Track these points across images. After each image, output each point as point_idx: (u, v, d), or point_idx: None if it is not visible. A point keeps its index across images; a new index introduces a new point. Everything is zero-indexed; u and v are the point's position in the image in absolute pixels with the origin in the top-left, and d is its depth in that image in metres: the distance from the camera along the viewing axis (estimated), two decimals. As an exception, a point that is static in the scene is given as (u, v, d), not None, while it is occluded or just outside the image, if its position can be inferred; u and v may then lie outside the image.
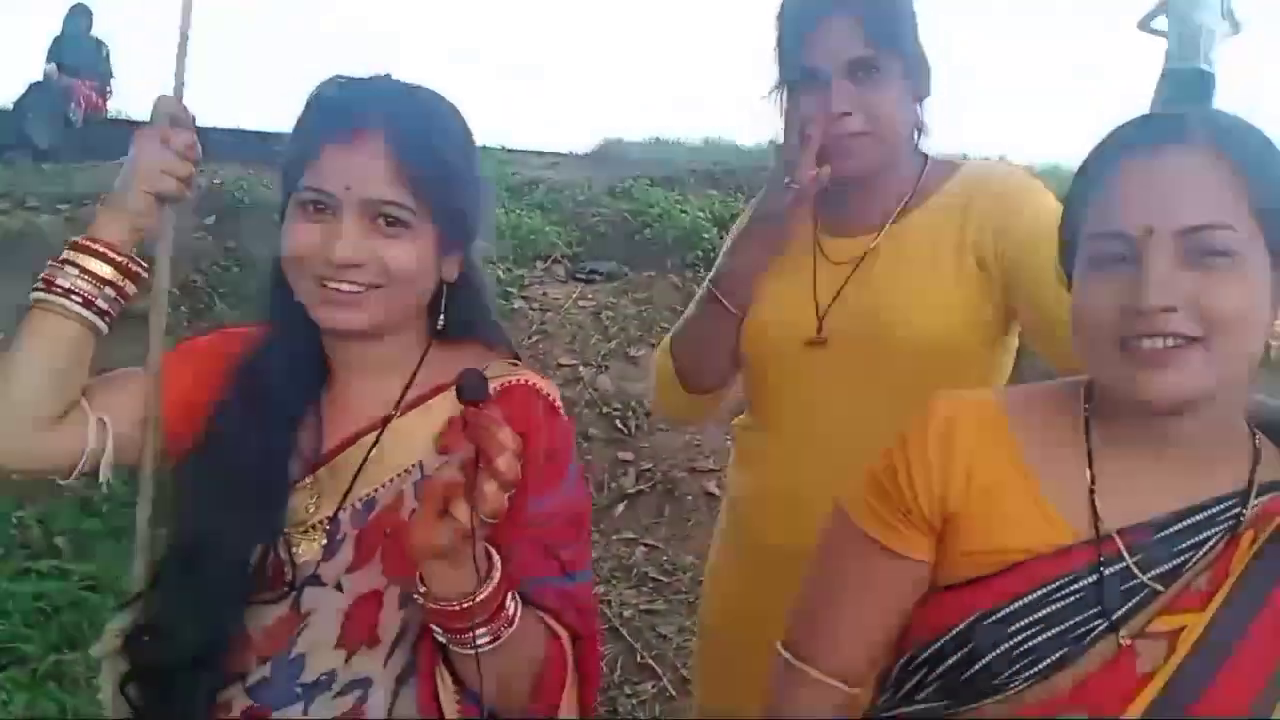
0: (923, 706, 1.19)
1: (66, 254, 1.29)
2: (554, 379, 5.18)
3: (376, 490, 1.32)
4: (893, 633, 1.24)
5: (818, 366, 1.74)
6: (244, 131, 7.78)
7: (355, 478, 1.32)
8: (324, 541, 1.30)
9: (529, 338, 5.54)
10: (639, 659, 3.62)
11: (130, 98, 9.99)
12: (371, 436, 1.34)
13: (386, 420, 1.35)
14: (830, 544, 1.29)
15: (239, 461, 1.30)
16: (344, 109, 1.28)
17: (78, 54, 9.51)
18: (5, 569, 3.77)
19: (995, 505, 1.16)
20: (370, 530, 1.31)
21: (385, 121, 1.27)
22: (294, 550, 1.30)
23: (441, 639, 1.17)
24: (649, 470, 4.65)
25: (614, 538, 4.36)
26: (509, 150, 8.13)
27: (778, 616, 1.41)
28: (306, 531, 1.31)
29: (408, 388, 1.37)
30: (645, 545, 4.26)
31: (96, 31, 9.83)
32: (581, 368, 5.32)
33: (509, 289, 5.85)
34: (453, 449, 1.08)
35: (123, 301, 1.31)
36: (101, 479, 1.33)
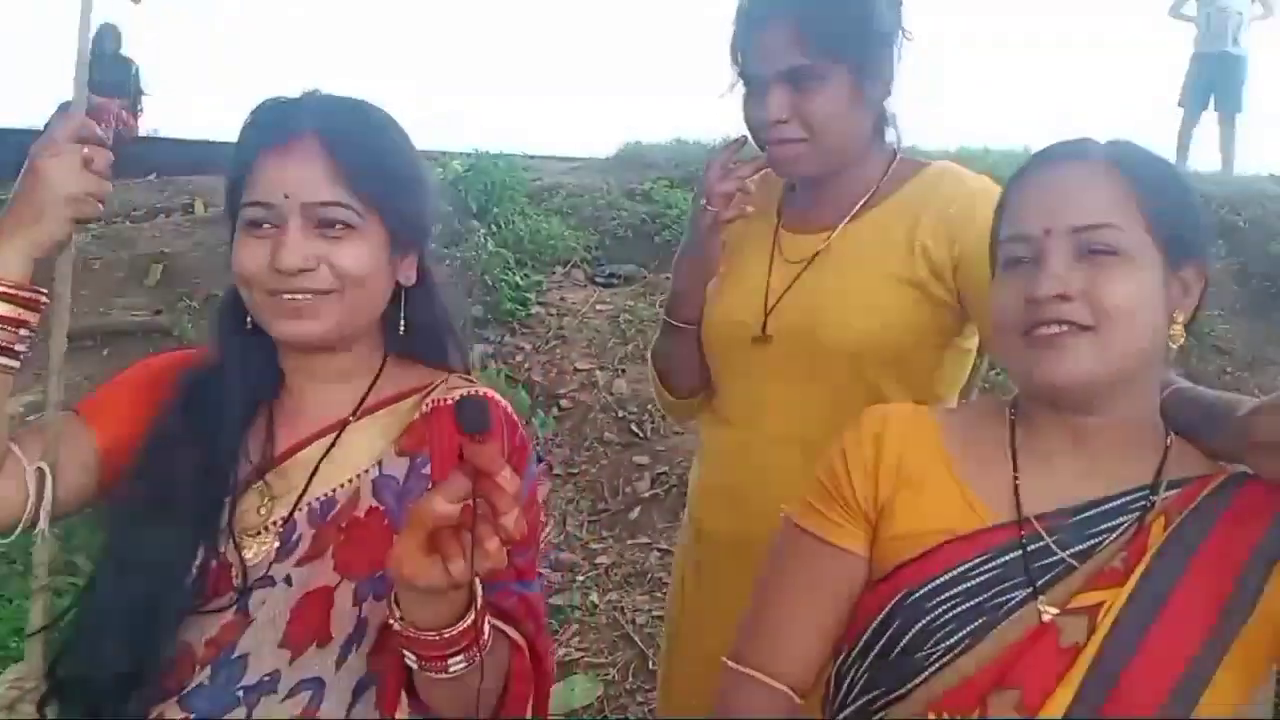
0: (856, 705, 1.22)
1: None
2: (570, 383, 5.22)
3: (335, 490, 1.32)
4: (834, 633, 1.28)
5: (763, 363, 1.78)
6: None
7: (311, 479, 1.32)
8: (277, 543, 1.29)
9: (546, 343, 5.54)
10: (650, 665, 3.59)
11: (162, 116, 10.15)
12: (328, 439, 1.35)
13: (344, 424, 1.36)
14: (776, 551, 1.35)
15: (177, 472, 1.28)
16: (275, 119, 1.30)
17: (106, 73, 9.63)
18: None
19: (921, 493, 1.26)
20: (328, 528, 1.30)
21: (317, 125, 1.29)
22: (243, 554, 1.28)
23: (412, 664, 1.13)
24: (664, 474, 4.62)
25: (629, 542, 4.33)
26: (530, 156, 8.14)
27: (720, 608, 1.52)
28: (258, 534, 1.30)
29: (367, 393, 1.39)
30: (659, 550, 4.23)
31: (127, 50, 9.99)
32: (598, 371, 5.30)
33: (527, 294, 5.85)
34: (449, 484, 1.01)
35: (29, 334, 1.26)
36: (39, 529, 1.28)
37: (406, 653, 1.13)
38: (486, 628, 1.15)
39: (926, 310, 1.68)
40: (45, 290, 1.28)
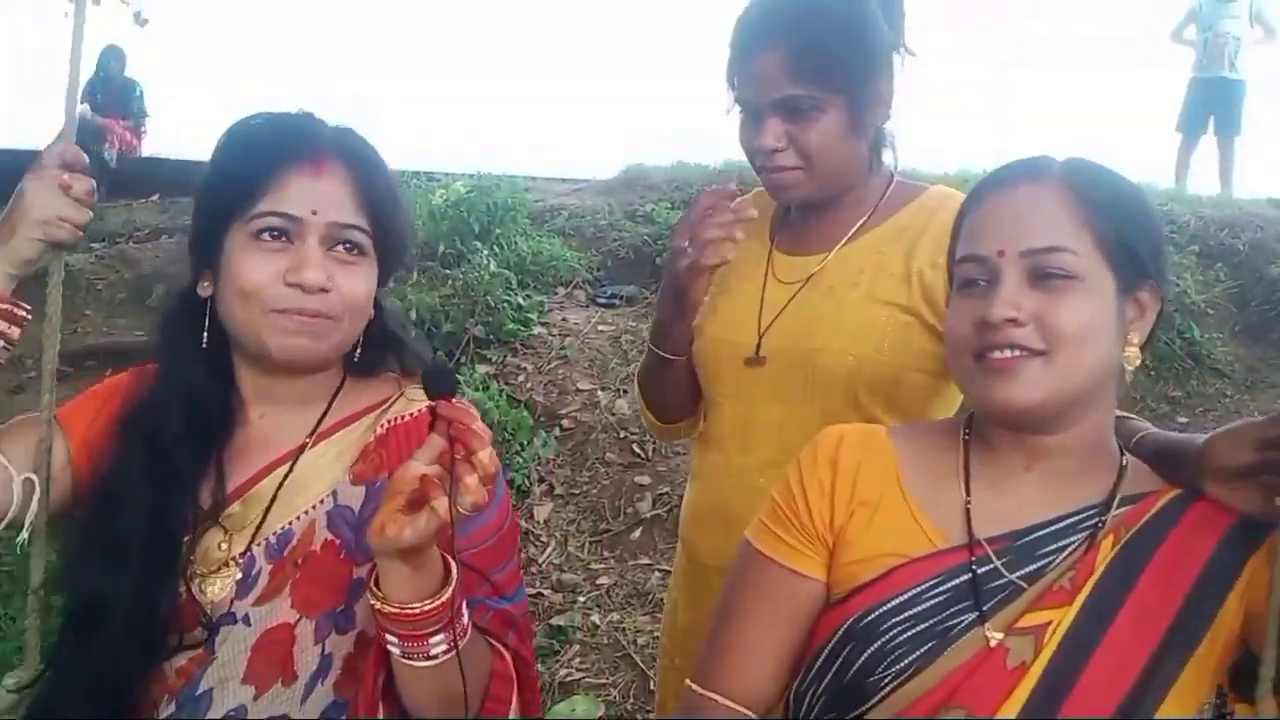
0: None
1: None
2: (572, 404, 5.22)
3: (291, 522, 1.32)
4: (793, 655, 1.28)
5: (756, 385, 1.75)
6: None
7: (268, 511, 1.32)
8: (238, 577, 1.29)
9: (548, 363, 5.54)
10: (651, 686, 3.59)
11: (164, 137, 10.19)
12: (285, 468, 1.34)
13: (300, 450, 1.36)
14: (736, 575, 1.35)
15: (129, 513, 1.28)
16: (303, 137, 1.32)
17: (111, 94, 9.69)
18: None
19: (875, 516, 1.27)
20: (285, 563, 1.30)
21: (344, 151, 1.32)
22: (204, 593, 1.28)
23: (395, 649, 1.16)
24: (665, 494, 4.62)
25: (630, 563, 4.33)
26: (532, 178, 8.18)
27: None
28: (219, 570, 1.29)
29: (323, 417, 1.38)
30: (661, 571, 4.23)
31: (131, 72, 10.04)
32: (600, 392, 5.31)
33: (529, 315, 5.86)
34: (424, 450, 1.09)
35: (9, 348, 1.32)
36: (22, 537, 1.31)
37: (389, 638, 1.16)
38: (465, 613, 1.19)
39: (921, 336, 1.66)
40: (27, 306, 1.32)
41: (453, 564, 1.16)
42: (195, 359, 1.34)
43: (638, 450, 4.93)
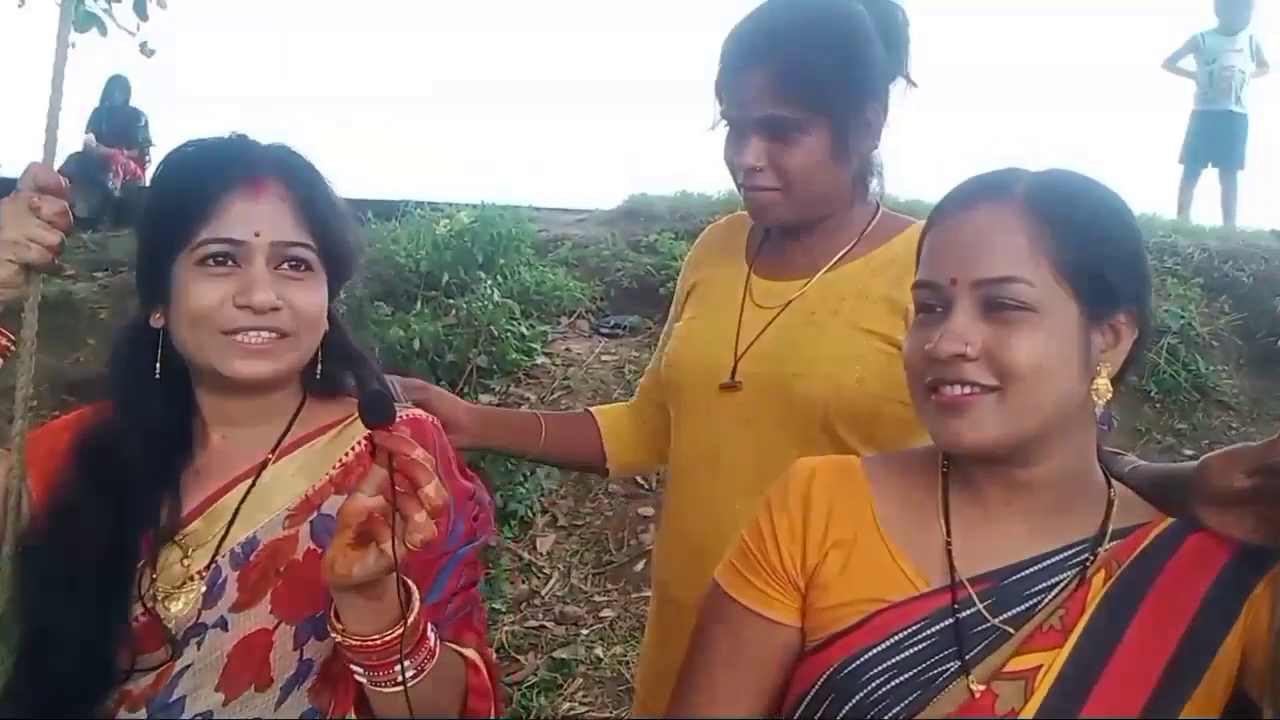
0: None
1: None
2: (574, 435, 5.16)
3: (256, 533, 1.32)
4: (767, 699, 1.22)
5: (728, 411, 1.71)
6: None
7: (231, 523, 1.32)
8: (203, 590, 1.29)
9: (551, 393, 5.53)
10: (655, 720, 3.55)
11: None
12: (247, 483, 1.35)
13: (263, 466, 1.36)
14: (705, 616, 1.27)
15: (82, 541, 1.28)
16: (238, 161, 1.32)
17: (116, 124, 9.75)
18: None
19: (851, 558, 1.18)
20: (252, 569, 1.31)
21: (281, 170, 1.34)
22: (168, 610, 1.28)
23: (361, 678, 1.15)
24: (669, 526, 4.59)
25: (633, 595, 4.30)
26: (536, 209, 8.17)
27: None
28: (183, 585, 1.30)
29: (285, 433, 1.39)
30: (664, 603, 4.19)
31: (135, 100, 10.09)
32: (603, 423, 5.28)
33: (532, 345, 5.85)
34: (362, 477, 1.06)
35: None
36: None
37: (356, 669, 1.15)
38: (431, 633, 1.17)
39: (892, 365, 1.58)
40: (10, 334, 1.33)
41: (414, 589, 1.15)
42: (150, 389, 1.35)
43: (641, 480, 4.89)
